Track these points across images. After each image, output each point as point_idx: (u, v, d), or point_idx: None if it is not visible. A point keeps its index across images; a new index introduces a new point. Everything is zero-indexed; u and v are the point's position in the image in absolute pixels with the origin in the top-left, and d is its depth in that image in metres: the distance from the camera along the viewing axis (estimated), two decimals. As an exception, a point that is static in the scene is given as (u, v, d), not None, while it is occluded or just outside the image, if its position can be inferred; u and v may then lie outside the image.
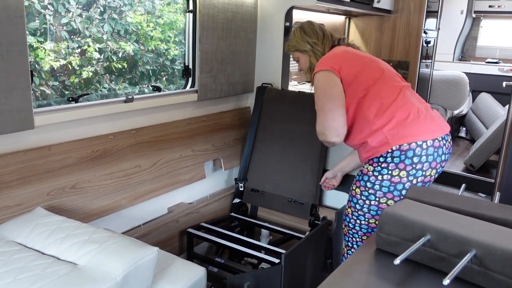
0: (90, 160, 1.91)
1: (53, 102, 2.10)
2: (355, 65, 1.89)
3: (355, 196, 1.89)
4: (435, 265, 1.03)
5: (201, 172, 2.51)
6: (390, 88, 1.83)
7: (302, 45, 2.08)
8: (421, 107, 1.84)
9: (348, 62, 1.89)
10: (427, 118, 1.81)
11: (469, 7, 5.60)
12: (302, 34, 2.09)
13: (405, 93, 1.85)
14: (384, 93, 1.82)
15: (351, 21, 4.14)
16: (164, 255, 1.67)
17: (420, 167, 1.76)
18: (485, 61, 5.71)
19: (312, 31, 2.08)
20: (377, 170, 1.80)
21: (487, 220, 1.13)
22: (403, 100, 1.81)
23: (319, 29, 2.09)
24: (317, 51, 2.05)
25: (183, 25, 2.51)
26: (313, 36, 2.07)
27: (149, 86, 2.57)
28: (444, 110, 4.39)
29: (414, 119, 1.78)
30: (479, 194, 3.91)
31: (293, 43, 2.12)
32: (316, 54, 2.05)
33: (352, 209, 1.91)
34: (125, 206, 2.07)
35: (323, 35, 2.08)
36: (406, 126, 1.76)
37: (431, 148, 1.76)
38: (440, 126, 1.84)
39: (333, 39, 2.08)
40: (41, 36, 2.10)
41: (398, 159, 1.75)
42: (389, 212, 1.11)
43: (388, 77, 1.88)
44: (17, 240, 1.46)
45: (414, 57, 3.82)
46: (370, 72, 1.87)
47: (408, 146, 1.74)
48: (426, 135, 1.76)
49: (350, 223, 1.94)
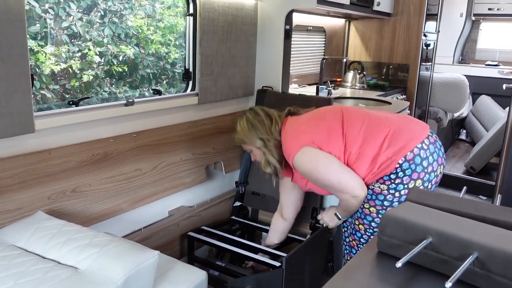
0: (90, 164, 1.91)
1: (53, 105, 2.10)
2: (320, 126, 1.80)
3: (370, 215, 1.83)
4: (437, 268, 1.03)
5: (202, 175, 2.50)
6: (356, 120, 1.78)
7: (253, 141, 1.92)
8: (398, 117, 1.84)
9: (314, 128, 1.80)
10: (409, 122, 1.81)
11: (468, 10, 5.61)
12: (250, 129, 1.92)
13: (373, 114, 1.83)
14: (356, 127, 1.76)
15: (351, 24, 4.15)
16: (165, 258, 1.66)
17: (431, 169, 1.74)
18: (485, 64, 5.72)
19: (260, 123, 1.91)
20: (392, 188, 1.75)
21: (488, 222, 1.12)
22: (376, 120, 1.79)
23: (266, 117, 1.92)
24: (269, 145, 1.89)
25: (184, 28, 2.52)
26: (262, 129, 1.90)
27: (150, 90, 2.57)
28: (445, 112, 4.39)
29: (401, 128, 1.76)
30: (480, 197, 3.91)
31: (241, 137, 1.96)
32: (269, 149, 1.89)
33: (366, 227, 1.86)
34: (126, 209, 2.07)
35: (271, 122, 1.91)
36: (398, 137, 1.73)
37: (432, 146, 1.76)
38: (422, 124, 1.85)
39: (281, 118, 1.92)
40: (41, 40, 2.10)
41: (410, 170, 1.72)
42: (391, 214, 1.10)
43: (349, 114, 1.82)
44: (18, 244, 1.46)
45: (414, 60, 3.83)
46: (334, 121, 1.79)
47: (412, 154, 1.72)
48: (420, 136, 1.75)
49: (362, 238, 1.91)
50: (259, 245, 2.30)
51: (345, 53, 4.21)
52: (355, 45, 4.16)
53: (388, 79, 3.98)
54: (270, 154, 1.89)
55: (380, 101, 3.16)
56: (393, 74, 3.96)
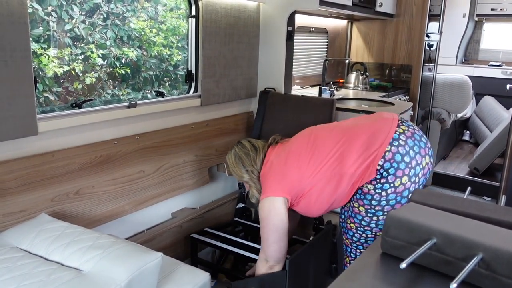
0: (93, 166, 1.91)
1: (56, 108, 2.11)
2: (292, 168, 1.82)
3: (359, 214, 1.84)
4: (442, 269, 1.02)
5: (205, 177, 2.50)
6: (327, 140, 1.81)
7: (240, 175, 2.01)
8: (365, 123, 1.84)
9: (288, 171, 1.82)
10: (377, 125, 1.80)
11: (471, 10, 5.60)
12: (237, 162, 2.01)
13: (340, 128, 1.84)
14: (327, 148, 1.79)
15: (353, 25, 4.15)
16: (168, 260, 1.66)
17: (415, 163, 1.74)
18: (488, 64, 5.70)
19: (246, 155, 1.99)
20: (378, 187, 1.76)
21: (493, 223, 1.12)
22: (346, 133, 1.80)
23: (252, 149, 2.00)
24: (254, 179, 1.97)
25: (186, 30, 2.52)
26: (248, 163, 1.98)
27: (152, 92, 2.57)
28: (448, 113, 4.37)
29: (370, 135, 1.76)
30: (484, 198, 3.89)
31: (231, 171, 2.07)
32: (254, 182, 1.98)
33: (357, 225, 1.87)
34: (129, 211, 2.07)
35: (256, 153, 1.98)
36: (370, 145, 1.74)
37: (410, 140, 1.75)
38: (388, 118, 1.83)
39: (265, 148, 1.98)
40: (44, 42, 2.10)
41: (393, 169, 1.72)
42: (395, 215, 1.10)
43: (316, 136, 1.85)
44: (21, 247, 1.46)
45: (417, 61, 3.82)
46: (304, 153, 1.82)
47: (390, 153, 1.72)
48: (390, 134, 1.75)
49: (354, 237, 1.91)
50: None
51: (347, 54, 4.20)
52: (358, 46, 4.16)
53: (391, 80, 3.98)
54: (254, 187, 1.99)
55: (383, 102, 3.15)
56: (396, 75, 3.95)
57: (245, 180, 2.01)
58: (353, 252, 1.96)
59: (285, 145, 1.96)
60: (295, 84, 3.46)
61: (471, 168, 4.42)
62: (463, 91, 4.34)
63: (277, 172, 1.86)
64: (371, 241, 1.88)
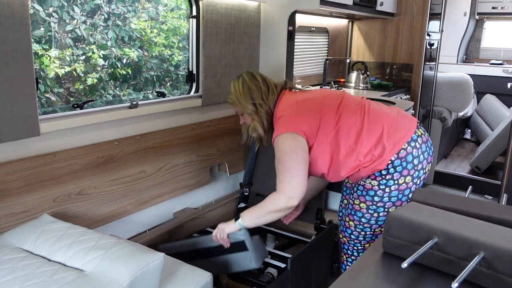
0: (95, 166, 1.92)
1: (58, 109, 2.11)
2: (314, 114, 1.77)
3: (360, 211, 1.85)
4: (443, 268, 1.02)
5: (206, 177, 2.50)
6: (354, 113, 1.78)
7: (245, 106, 1.87)
8: (390, 112, 1.84)
9: (307, 115, 1.77)
10: (400, 119, 1.81)
11: (472, 9, 5.59)
12: (244, 91, 1.87)
13: (369, 108, 1.82)
14: (352, 120, 1.76)
15: (354, 24, 4.15)
16: (170, 260, 1.66)
17: (421, 167, 1.78)
18: (489, 63, 5.70)
19: (257, 87, 1.86)
20: (382, 183, 1.77)
21: (494, 222, 1.12)
22: (372, 115, 1.79)
23: (263, 83, 1.88)
24: (262, 114, 1.85)
25: (187, 30, 2.53)
26: (258, 96, 1.85)
27: (154, 92, 2.58)
28: (449, 112, 4.37)
29: (392, 126, 1.77)
30: (486, 196, 3.89)
31: (234, 100, 1.91)
32: (262, 116, 1.85)
33: (357, 223, 1.87)
34: (131, 212, 2.07)
35: (268, 89, 1.87)
36: (390, 136, 1.75)
37: (424, 145, 1.78)
38: (410, 118, 1.85)
39: (277, 89, 1.88)
40: (46, 43, 2.11)
41: (400, 167, 1.75)
42: (396, 215, 1.10)
43: (346, 104, 1.81)
44: (24, 247, 1.46)
45: (418, 60, 3.82)
46: (329, 111, 1.77)
47: (405, 151, 1.74)
48: (408, 132, 1.77)
49: (352, 235, 1.92)
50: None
51: (348, 53, 4.20)
52: (359, 45, 4.16)
53: (392, 79, 3.97)
54: (259, 121, 1.86)
55: (384, 101, 3.15)
56: (397, 74, 3.95)
57: (247, 112, 1.87)
58: (351, 249, 1.96)
59: (307, 93, 1.91)
60: (296, 84, 3.46)
61: (472, 166, 4.42)
62: (464, 90, 4.34)
63: (300, 111, 1.79)
64: (369, 239, 1.88)
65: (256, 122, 1.87)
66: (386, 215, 1.77)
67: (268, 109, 1.86)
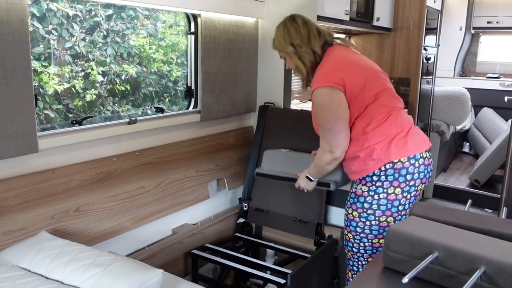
0: (94, 183, 1.91)
1: (57, 125, 2.11)
2: (358, 79, 1.79)
3: (354, 220, 1.86)
4: (444, 283, 1.02)
5: (205, 192, 2.50)
6: (386, 106, 1.82)
7: (285, 47, 1.91)
8: (410, 125, 1.86)
9: (352, 76, 1.78)
10: (414, 134, 1.83)
11: (467, 23, 5.65)
12: (284, 34, 1.90)
13: (398, 112, 1.85)
14: (381, 110, 1.80)
15: (351, 39, 4.18)
16: (169, 277, 1.65)
17: (413, 184, 1.78)
18: (486, 76, 5.74)
19: (296, 30, 1.89)
20: (372, 189, 1.79)
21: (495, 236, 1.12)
22: (396, 118, 1.82)
23: (303, 27, 1.89)
24: (303, 53, 1.88)
25: (185, 46, 2.54)
26: (296, 37, 1.88)
27: (152, 108, 2.59)
28: (447, 125, 4.39)
29: (404, 136, 1.79)
30: (486, 210, 3.88)
31: (276, 44, 1.96)
32: (302, 56, 1.88)
33: (353, 234, 1.89)
34: (129, 228, 2.06)
35: (308, 35, 1.88)
36: (398, 143, 1.77)
37: (423, 166, 1.79)
38: (424, 140, 1.86)
39: (322, 37, 1.90)
40: (45, 60, 2.12)
41: (392, 177, 1.76)
42: (396, 229, 1.10)
43: (387, 95, 1.85)
44: (21, 265, 1.45)
45: (415, 74, 3.84)
46: (372, 88, 1.81)
47: (401, 164, 1.75)
48: (414, 150, 1.78)
49: (354, 248, 1.92)
50: (263, 262, 2.28)
51: (346, 68, 4.22)
52: (356, 60, 4.18)
53: (389, 93, 3.99)
54: (300, 60, 1.89)
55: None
56: (394, 88, 3.95)
57: (287, 52, 1.91)
58: (355, 265, 1.95)
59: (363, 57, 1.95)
60: (294, 99, 3.47)
61: (471, 180, 4.42)
62: (462, 103, 4.36)
63: (344, 68, 1.81)
64: (369, 251, 1.87)
65: (298, 61, 1.89)
66: (377, 224, 1.80)
67: (310, 51, 1.87)
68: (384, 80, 1.89)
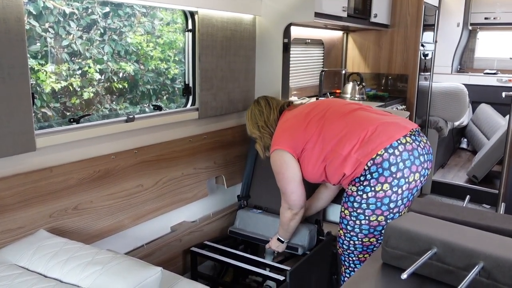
0: (92, 181, 1.91)
1: (54, 123, 2.11)
2: (298, 128, 1.95)
3: (345, 218, 1.87)
4: (443, 278, 1.02)
5: (204, 190, 2.50)
6: (337, 119, 1.89)
7: (252, 131, 2.19)
8: (379, 119, 1.86)
9: (293, 130, 1.96)
10: (386, 125, 1.82)
11: (465, 19, 5.65)
12: (251, 118, 2.19)
13: (355, 115, 1.89)
14: (335, 126, 1.87)
15: (349, 36, 4.18)
16: (168, 275, 1.65)
17: (401, 175, 1.74)
18: (483, 72, 5.74)
19: (259, 111, 2.16)
20: (360, 189, 1.79)
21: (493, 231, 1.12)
22: (356, 122, 1.86)
23: (266, 106, 2.16)
24: (265, 134, 2.13)
25: (183, 44, 2.54)
26: (260, 118, 2.15)
27: (150, 105, 2.58)
28: (445, 122, 4.39)
29: (374, 131, 1.80)
30: (484, 205, 3.89)
31: (249, 127, 2.21)
32: (264, 136, 2.13)
33: (344, 231, 1.89)
34: (128, 226, 2.06)
35: (270, 111, 2.14)
36: (370, 141, 1.78)
37: (405, 153, 1.75)
38: (401, 125, 1.84)
39: (278, 108, 2.15)
40: (42, 58, 2.11)
41: (376, 174, 1.75)
42: (394, 225, 1.10)
43: (332, 112, 1.93)
44: (19, 264, 1.45)
45: (412, 70, 3.84)
46: (314, 121, 1.93)
47: (380, 157, 1.74)
48: (389, 139, 1.77)
49: (344, 245, 1.92)
50: (262, 259, 2.28)
51: (343, 65, 4.23)
52: (354, 56, 4.19)
53: (387, 90, 4.00)
54: (261, 140, 2.16)
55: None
56: (392, 85, 3.98)
57: (254, 137, 2.19)
58: (347, 260, 1.95)
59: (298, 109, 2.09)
60: (292, 96, 3.47)
61: (469, 176, 4.43)
62: (459, 100, 4.37)
63: (287, 134, 1.99)
64: (360, 249, 1.87)
65: (257, 145, 2.18)
66: (367, 223, 1.80)
67: (271, 129, 2.13)
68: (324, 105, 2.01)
